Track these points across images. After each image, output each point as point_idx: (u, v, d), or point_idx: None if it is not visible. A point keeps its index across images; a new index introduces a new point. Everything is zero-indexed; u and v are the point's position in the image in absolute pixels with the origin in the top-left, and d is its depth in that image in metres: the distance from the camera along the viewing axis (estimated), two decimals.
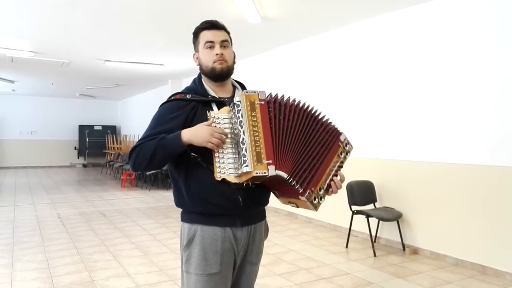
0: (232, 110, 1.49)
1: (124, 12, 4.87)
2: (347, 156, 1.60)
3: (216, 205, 1.54)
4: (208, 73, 1.64)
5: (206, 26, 1.64)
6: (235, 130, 1.48)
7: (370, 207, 4.69)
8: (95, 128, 15.99)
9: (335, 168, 1.57)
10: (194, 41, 1.69)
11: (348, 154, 1.61)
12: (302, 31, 5.68)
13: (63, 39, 6.22)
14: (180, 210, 1.66)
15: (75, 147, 15.84)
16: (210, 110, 1.57)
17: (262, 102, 1.48)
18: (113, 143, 14.23)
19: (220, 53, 1.60)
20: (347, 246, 4.65)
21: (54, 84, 11.61)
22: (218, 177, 1.49)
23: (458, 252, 4.00)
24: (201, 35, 1.65)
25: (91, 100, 15.96)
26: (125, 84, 11.33)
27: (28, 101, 14.89)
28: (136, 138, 12.21)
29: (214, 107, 1.61)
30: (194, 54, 1.70)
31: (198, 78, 1.70)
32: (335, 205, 4.67)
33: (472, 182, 3.89)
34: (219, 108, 1.59)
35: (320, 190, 1.52)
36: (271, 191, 1.67)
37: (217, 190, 1.52)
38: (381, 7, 4.62)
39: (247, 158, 1.41)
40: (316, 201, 1.51)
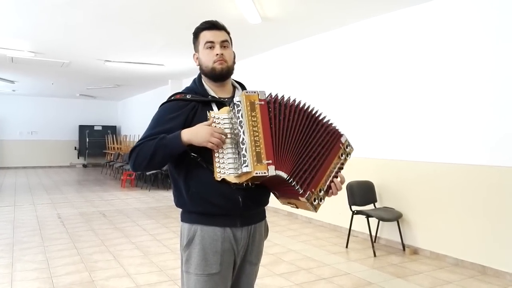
0: (232, 110, 1.49)
1: (124, 12, 4.87)
2: (347, 158, 1.60)
3: (216, 205, 1.54)
4: (208, 73, 1.64)
5: (206, 26, 1.65)
6: (235, 130, 1.48)
7: (370, 207, 4.69)
8: (95, 128, 16.00)
9: (335, 170, 1.57)
10: (194, 41, 1.69)
11: (348, 156, 1.61)
12: (302, 31, 5.68)
13: (63, 39, 6.22)
14: (180, 210, 1.66)
15: (75, 147, 15.84)
16: (210, 110, 1.57)
17: (262, 102, 1.48)
18: (113, 143, 14.24)
19: (220, 53, 1.60)
20: (347, 246, 4.65)
21: (54, 84, 11.61)
22: (218, 177, 1.49)
23: (458, 252, 4.00)
24: (201, 35, 1.65)
25: (91, 100, 15.96)
26: (125, 84, 11.33)
27: (28, 101, 14.90)
28: (136, 138, 12.21)
29: (214, 107, 1.61)
30: (194, 54, 1.70)
31: (198, 78, 1.70)
32: (335, 205, 4.66)
33: (472, 182, 3.89)
34: (219, 108, 1.59)
35: (320, 191, 1.52)
36: (271, 192, 1.67)
37: (217, 190, 1.52)
38: (381, 7, 4.62)
39: (247, 158, 1.41)
40: (316, 202, 1.51)
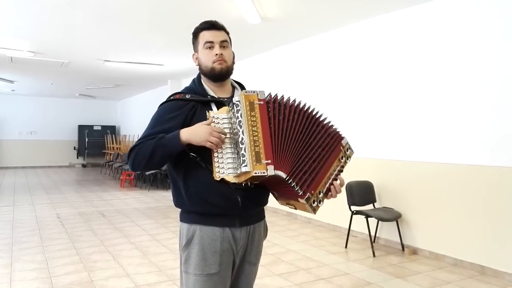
0: (231, 110, 1.49)
1: (124, 12, 4.87)
2: (347, 161, 1.60)
3: (215, 205, 1.54)
4: (208, 73, 1.64)
5: (206, 26, 1.64)
6: (234, 130, 1.47)
7: (370, 207, 4.69)
8: (95, 128, 15.98)
9: (335, 172, 1.56)
10: (194, 41, 1.69)
11: (348, 159, 1.60)
12: (302, 31, 5.68)
13: (62, 39, 6.22)
14: (179, 210, 1.65)
15: (75, 147, 15.83)
16: (209, 110, 1.57)
17: (261, 102, 1.47)
18: (112, 143, 14.23)
19: (219, 53, 1.60)
20: (346, 246, 4.65)
21: (53, 84, 11.60)
22: (217, 177, 1.49)
23: (457, 252, 4.00)
24: (200, 35, 1.65)
25: (90, 100, 15.95)
26: (124, 84, 11.33)
27: (28, 101, 14.88)
28: (136, 138, 12.21)
29: (213, 107, 1.60)
30: (194, 54, 1.70)
31: (198, 78, 1.70)
32: (334, 205, 4.65)
33: (472, 182, 3.89)
34: (218, 108, 1.59)
35: (320, 193, 1.52)
36: (270, 192, 1.67)
37: (216, 190, 1.52)
38: (381, 7, 4.62)
39: (246, 158, 1.41)
40: (315, 204, 1.51)
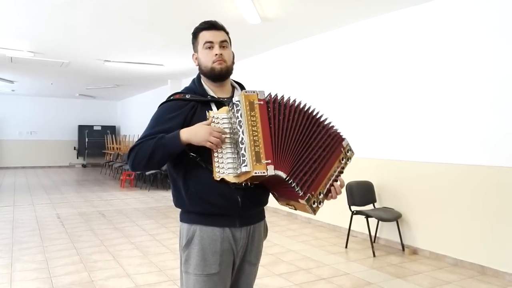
0: (231, 110, 1.49)
1: (124, 12, 4.87)
2: (348, 163, 1.59)
3: (215, 205, 1.53)
4: (207, 73, 1.63)
5: (205, 26, 1.64)
6: (234, 130, 1.47)
7: (370, 207, 4.69)
8: (95, 128, 15.98)
9: (336, 174, 1.56)
10: (193, 41, 1.69)
11: (349, 160, 1.60)
12: (302, 31, 5.68)
13: (62, 39, 6.22)
14: (179, 210, 1.65)
15: (75, 147, 15.83)
16: (209, 110, 1.56)
17: (261, 102, 1.47)
18: (112, 143, 14.23)
19: (219, 53, 1.60)
20: (346, 247, 4.65)
21: (53, 84, 11.60)
22: (217, 177, 1.49)
23: (458, 253, 4.00)
24: (200, 36, 1.65)
25: (90, 100, 15.96)
26: (124, 84, 11.33)
27: (28, 101, 14.88)
28: (136, 138, 12.19)
29: (213, 107, 1.60)
30: (194, 54, 1.70)
31: (197, 78, 1.70)
32: (334, 205, 4.65)
33: (472, 182, 3.89)
34: (218, 108, 1.59)
35: (320, 194, 1.52)
36: (270, 192, 1.67)
37: (216, 190, 1.52)
38: (381, 7, 4.62)
39: (246, 158, 1.41)
40: (315, 205, 1.50)
